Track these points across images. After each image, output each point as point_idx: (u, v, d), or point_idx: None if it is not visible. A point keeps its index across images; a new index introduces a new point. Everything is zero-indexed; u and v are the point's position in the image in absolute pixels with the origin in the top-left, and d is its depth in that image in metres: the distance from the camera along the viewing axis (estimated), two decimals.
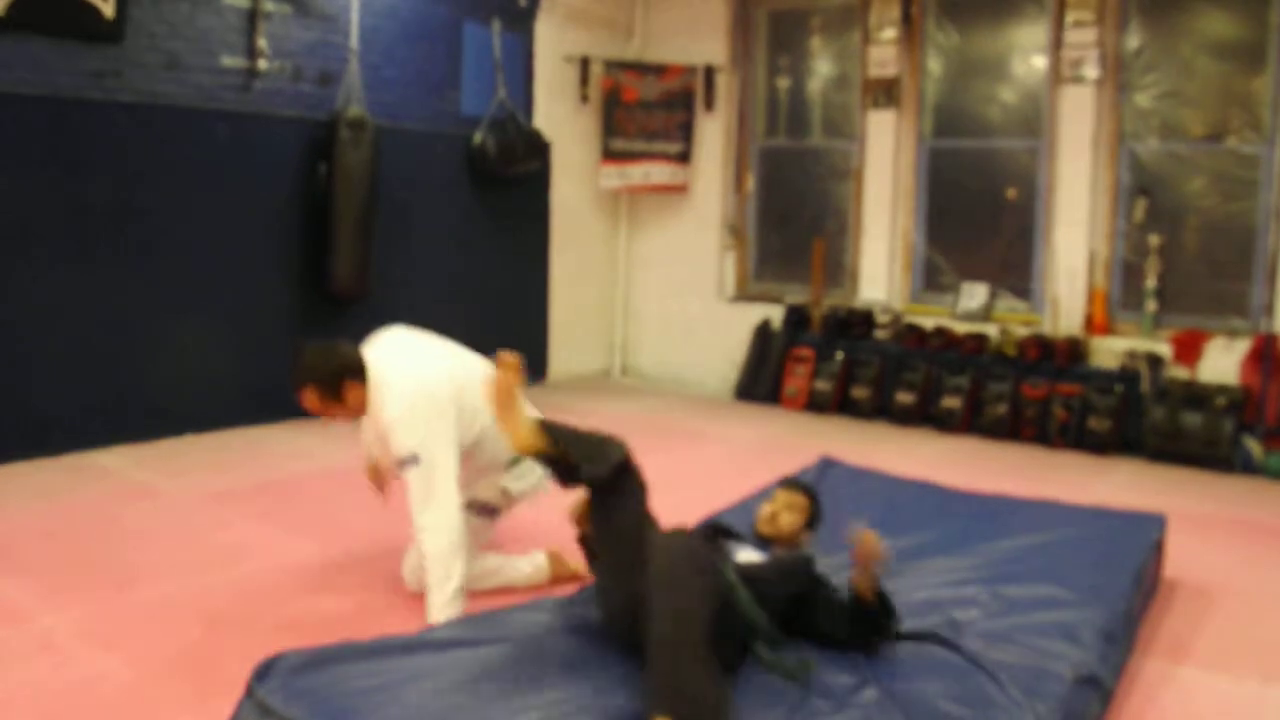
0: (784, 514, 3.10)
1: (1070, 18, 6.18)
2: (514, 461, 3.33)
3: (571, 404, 6.85)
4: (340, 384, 3.14)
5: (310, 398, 3.17)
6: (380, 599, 3.44)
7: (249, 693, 2.33)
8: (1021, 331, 6.37)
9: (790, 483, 3.28)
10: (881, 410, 6.63)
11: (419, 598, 3.28)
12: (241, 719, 2.32)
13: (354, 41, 6.02)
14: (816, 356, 6.92)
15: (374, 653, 2.48)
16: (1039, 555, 3.35)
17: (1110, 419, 5.85)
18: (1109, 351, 6.12)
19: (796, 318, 7.17)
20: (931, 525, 3.64)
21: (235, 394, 5.75)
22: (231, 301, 5.69)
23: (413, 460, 3.03)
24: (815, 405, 6.83)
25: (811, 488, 3.26)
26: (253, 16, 5.59)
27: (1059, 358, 6.11)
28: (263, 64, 5.65)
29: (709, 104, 7.58)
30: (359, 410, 3.21)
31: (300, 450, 5.34)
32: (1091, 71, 6.13)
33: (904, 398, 6.50)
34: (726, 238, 7.70)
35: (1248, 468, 5.54)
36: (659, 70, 7.58)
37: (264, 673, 2.36)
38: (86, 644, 3.07)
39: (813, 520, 3.16)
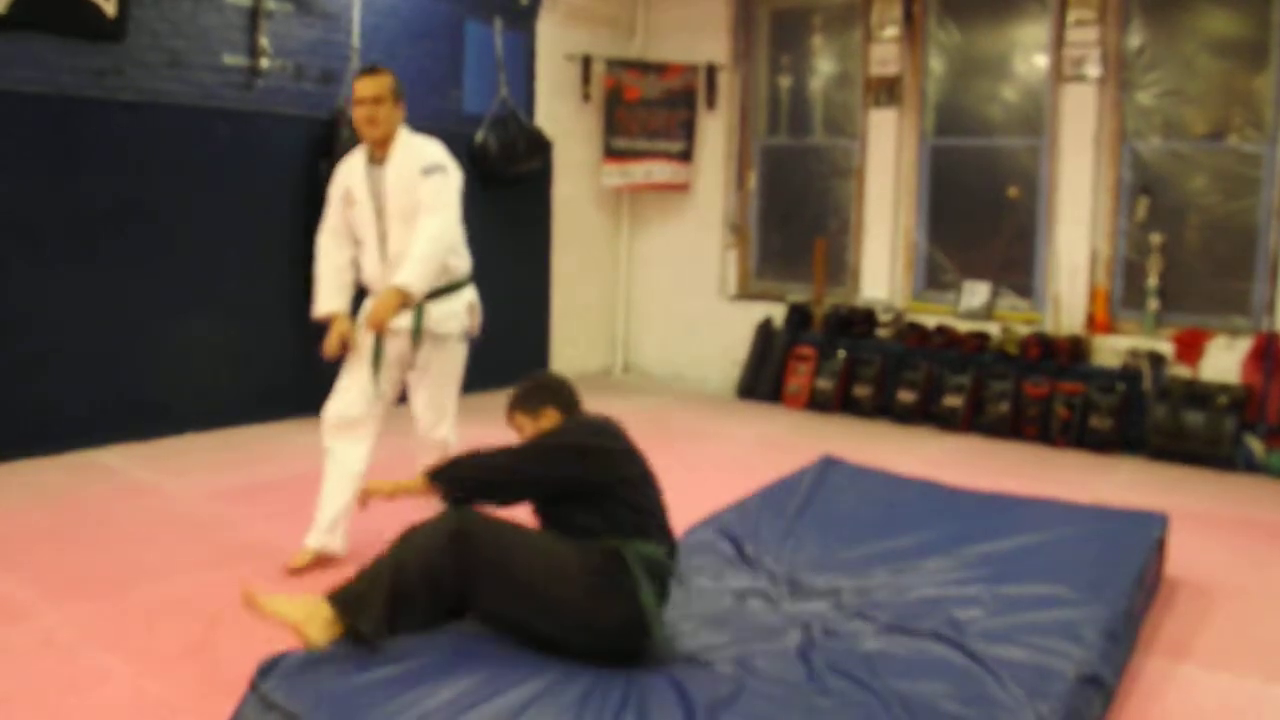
0: (518, 434, 2.87)
1: (1072, 16, 6.17)
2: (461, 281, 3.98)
3: None
4: (400, 99, 3.67)
5: (384, 81, 3.63)
6: None
7: (252, 687, 2.34)
8: (1023, 330, 6.37)
9: (508, 407, 2.91)
10: (883, 409, 6.63)
11: None
12: (245, 714, 2.32)
13: (355, 40, 6.02)
14: (818, 355, 6.92)
15: (378, 650, 2.48)
16: (1041, 554, 3.35)
17: (1112, 417, 5.85)
18: (1111, 350, 6.11)
19: (798, 316, 7.16)
20: (933, 524, 3.65)
21: (237, 392, 5.75)
22: (233, 300, 5.70)
23: (439, 169, 3.65)
24: (817, 404, 6.83)
25: (515, 396, 2.89)
26: (254, 15, 5.60)
27: (1061, 356, 6.11)
28: (264, 62, 5.66)
29: (711, 102, 7.58)
30: (394, 124, 3.67)
31: (302, 449, 5.33)
32: (1093, 70, 6.13)
33: (906, 396, 6.50)
34: (728, 236, 7.69)
35: (1249, 466, 5.54)
36: (660, 69, 7.58)
37: (268, 669, 2.37)
38: (88, 643, 3.08)
39: (528, 403, 2.85)
